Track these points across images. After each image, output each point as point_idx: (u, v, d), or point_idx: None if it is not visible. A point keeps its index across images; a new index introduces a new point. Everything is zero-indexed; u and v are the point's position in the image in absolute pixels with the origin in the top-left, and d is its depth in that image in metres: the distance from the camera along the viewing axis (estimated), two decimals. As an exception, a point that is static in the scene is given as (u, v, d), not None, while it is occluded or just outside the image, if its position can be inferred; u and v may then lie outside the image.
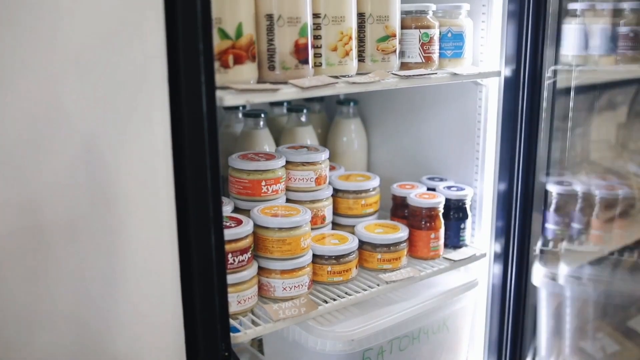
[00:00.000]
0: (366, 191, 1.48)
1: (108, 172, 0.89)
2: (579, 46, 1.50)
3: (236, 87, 1.00)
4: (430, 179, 1.59)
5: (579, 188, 1.62)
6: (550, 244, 1.59)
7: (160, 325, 0.98)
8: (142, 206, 0.93)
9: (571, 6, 1.54)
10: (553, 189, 1.56)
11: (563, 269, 1.58)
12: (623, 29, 1.44)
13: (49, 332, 0.89)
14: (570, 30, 1.56)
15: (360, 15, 1.22)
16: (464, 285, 1.49)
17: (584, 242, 1.63)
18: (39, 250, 0.86)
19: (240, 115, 1.64)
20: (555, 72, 1.45)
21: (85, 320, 0.92)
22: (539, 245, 1.56)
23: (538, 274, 1.56)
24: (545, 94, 1.41)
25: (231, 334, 1.04)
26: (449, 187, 1.52)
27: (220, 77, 1.01)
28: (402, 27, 1.30)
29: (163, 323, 0.98)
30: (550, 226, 1.59)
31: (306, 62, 1.12)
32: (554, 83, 1.49)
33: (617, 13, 1.46)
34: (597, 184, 1.58)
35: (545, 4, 1.34)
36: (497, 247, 1.51)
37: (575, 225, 1.61)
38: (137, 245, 0.94)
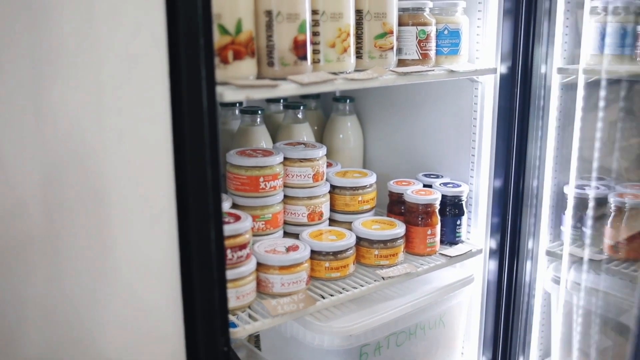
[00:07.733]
0: (363, 188, 1.48)
1: (107, 169, 0.89)
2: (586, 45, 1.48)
3: (236, 82, 1.01)
4: (426, 175, 1.60)
5: (594, 193, 1.53)
6: (562, 248, 1.55)
7: (160, 320, 0.99)
8: (143, 202, 0.93)
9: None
10: (570, 191, 1.53)
11: (570, 275, 1.54)
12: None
13: (38, 331, 0.89)
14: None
15: (358, 12, 1.23)
16: (460, 281, 1.50)
17: (596, 248, 1.57)
18: (29, 250, 0.86)
19: (237, 112, 1.64)
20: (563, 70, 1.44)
21: (84, 315, 0.92)
22: (545, 247, 1.55)
23: (547, 277, 1.56)
24: (557, 92, 1.42)
25: (230, 330, 1.05)
26: (445, 184, 1.53)
27: (219, 73, 1.01)
28: (400, 24, 1.31)
29: (163, 318, 0.99)
30: (565, 229, 1.55)
31: (305, 58, 1.13)
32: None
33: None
34: (618, 190, 1.53)
35: (536, 2, 1.36)
36: (493, 244, 1.52)
37: (587, 231, 1.55)
38: (137, 242, 0.94)
